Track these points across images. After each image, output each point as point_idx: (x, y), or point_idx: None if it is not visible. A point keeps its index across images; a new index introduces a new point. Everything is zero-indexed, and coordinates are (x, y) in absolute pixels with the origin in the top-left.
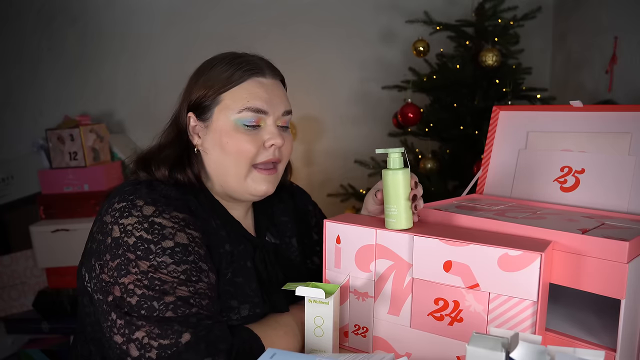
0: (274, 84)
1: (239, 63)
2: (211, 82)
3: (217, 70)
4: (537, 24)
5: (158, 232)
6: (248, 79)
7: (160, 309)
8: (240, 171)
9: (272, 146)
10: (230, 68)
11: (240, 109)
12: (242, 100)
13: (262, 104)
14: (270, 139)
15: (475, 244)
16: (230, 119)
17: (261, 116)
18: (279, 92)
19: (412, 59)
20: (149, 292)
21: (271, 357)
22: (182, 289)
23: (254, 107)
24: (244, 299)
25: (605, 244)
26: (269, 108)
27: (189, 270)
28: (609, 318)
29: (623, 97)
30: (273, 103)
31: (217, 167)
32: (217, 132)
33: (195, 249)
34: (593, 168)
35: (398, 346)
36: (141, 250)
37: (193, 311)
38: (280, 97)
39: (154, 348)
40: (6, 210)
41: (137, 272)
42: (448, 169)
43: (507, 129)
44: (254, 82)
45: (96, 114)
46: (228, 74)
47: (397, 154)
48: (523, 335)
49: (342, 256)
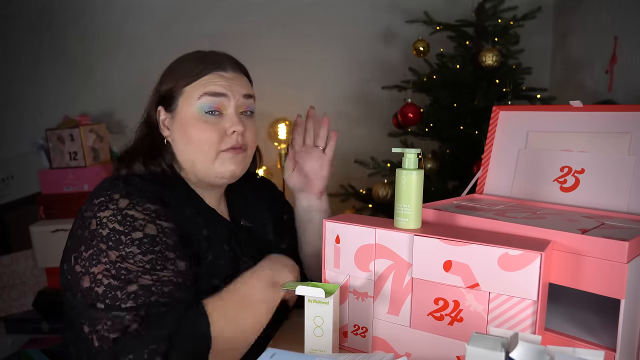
0: (235, 76)
1: (203, 60)
2: (176, 76)
3: (182, 66)
4: (537, 24)
5: (129, 224)
6: (210, 73)
7: (122, 299)
8: (207, 157)
9: (234, 133)
10: (193, 63)
11: (200, 95)
12: (201, 88)
13: (220, 88)
14: (231, 126)
15: (475, 243)
16: (192, 107)
17: (221, 100)
18: (240, 81)
19: (412, 59)
20: (115, 282)
21: (271, 357)
22: (146, 278)
23: (211, 91)
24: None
25: (605, 244)
26: (228, 91)
27: (154, 259)
28: (608, 318)
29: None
30: (232, 88)
31: (185, 156)
32: (182, 122)
33: (164, 239)
34: (593, 168)
35: (398, 346)
36: (112, 241)
37: (152, 299)
38: (241, 84)
39: (110, 341)
40: (6, 210)
41: (106, 261)
42: (448, 169)
43: (507, 129)
44: (215, 75)
45: (96, 114)
46: (191, 68)
47: (413, 155)
48: (523, 335)
49: (342, 256)
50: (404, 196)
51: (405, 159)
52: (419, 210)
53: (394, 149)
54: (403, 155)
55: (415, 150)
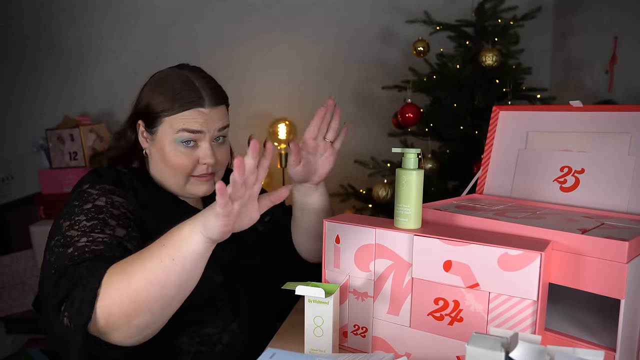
0: (213, 110)
1: (185, 92)
2: (158, 103)
3: (164, 92)
4: (537, 24)
5: (85, 199)
6: (189, 109)
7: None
8: (179, 181)
9: (205, 164)
10: (175, 94)
11: (178, 130)
12: (180, 124)
13: (197, 126)
14: (204, 158)
15: (475, 243)
16: (170, 137)
17: (197, 136)
18: (218, 115)
19: (412, 59)
20: (61, 249)
21: (271, 357)
22: (83, 240)
23: (189, 129)
24: None
25: (605, 243)
26: (205, 128)
27: (95, 225)
28: (608, 318)
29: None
30: (209, 124)
31: (159, 173)
32: (160, 146)
33: (110, 209)
34: (593, 168)
35: (397, 346)
36: (68, 214)
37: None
38: (218, 117)
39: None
40: (6, 210)
41: (59, 232)
42: (448, 169)
43: (507, 129)
44: (194, 112)
45: (96, 114)
46: (172, 100)
47: (413, 155)
48: (523, 335)
49: (342, 256)
50: (404, 196)
51: (405, 159)
52: (419, 210)
53: (394, 149)
54: (403, 155)
55: (415, 150)
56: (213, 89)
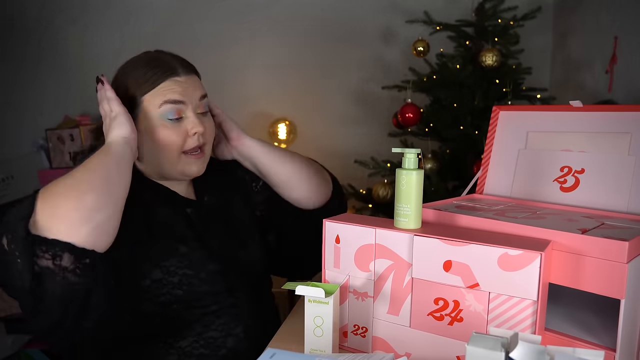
0: (188, 79)
1: (155, 65)
2: (132, 84)
3: (135, 72)
4: (537, 24)
5: None
6: (165, 80)
7: None
8: (172, 158)
9: (195, 134)
10: (147, 70)
11: (160, 104)
12: (160, 97)
13: (178, 96)
14: (193, 128)
15: (475, 243)
16: (155, 114)
17: (180, 107)
18: (194, 83)
19: (412, 59)
20: None
21: (271, 357)
22: None
23: (171, 99)
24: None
25: (605, 243)
26: (186, 98)
27: None
28: (608, 318)
29: (623, 97)
30: (188, 93)
31: (150, 156)
32: (145, 127)
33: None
34: (593, 168)
35: (397, 346)
36: None
37: None
38: (195, 87)
39: None
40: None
41: None
42: (448, 169)
43: (507, 129)
44: (170, 82)
45: (96, 114)
46: (146, 76)
47: (413, 155)
48: (523, 335)
49: (342, 256)
50: (404, 196)
51: (405, 159)
52: (419, 210)
53: (394, 149)
54: (403, 155)
55: (415, 150)
56: (181, 60)
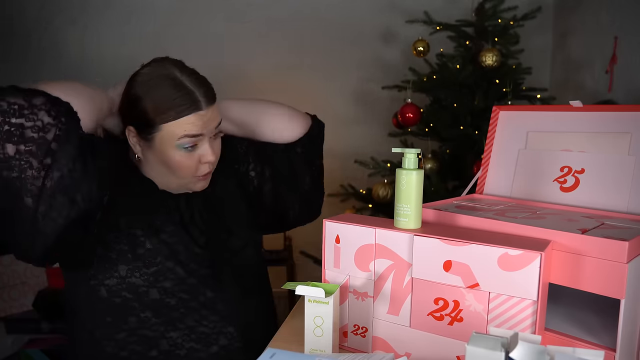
0: (209, 110)
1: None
2: (154, 109)
3: (159, 97)
4: (537, 24)
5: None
6: (188, 115)
7: None
8: (182, 180)
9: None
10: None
11: (180, 137)
12: (181, 129)
13: (198, 130)
14: (205, 156)
15: (475, 243)
16: (171, 143)
17: (198, 139)
18: (214, 113)
19: (412, 59)
20: None
21: (271, 357)
22: None
23: (191, 134)
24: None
25: (605, 243)
26: (204, 130)
27: None
28: (608, 318)
29: (623, 97)
30: (208, 126)
31: (159, 174)
32: (160, 151)
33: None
34: (593, 168)
35: (397, 346)
36: None
37: None
38: (214, 117)
39: None
40: None
41: None
42: (448, 169)
43: (507, 129)
44: (193, 117)
45: None
46: (169, 108)
47: (413, 155)
48: (522, 335)
49: (342, 256)
50: (404, 196)
51: (405, 159)
52: (419, 210)
53: (394, 149)
54: (403, 155)
55: (415, 150)
56: (204, 87)
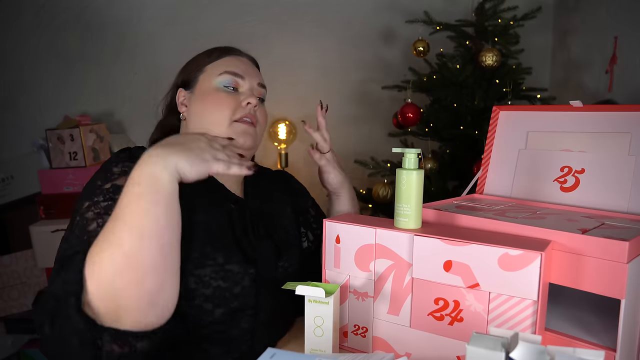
0: (249, 62)
1: (220, 48)
2: (197, 61)
3: (201, 55)
4: (537, 24)
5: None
6: (227, 56)
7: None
8: (221, 124)
9: (248, 104)
10: (213, 51)
11: (220, 73)
12: (221, 67)
13: (238, 70)
14: (246, 98)
15: (475, 243)
16: (212, 82)
17: (238, 80)
18: (254, 69)
19: (412, 59)
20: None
21: (271, 357)
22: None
23: (231, 71)
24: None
25: (605, 244)
26: (245, 74)
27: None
28: (609, 318)
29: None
30: (249, 73)
31: (199, 123)
32: (200, 94)
33: None
34: (593, 168)
35: (398, 346)
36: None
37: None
38: (255, 72)
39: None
40: (6, 210)
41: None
42: (448, 169)
43: (507, 129)
44: (232, 58)
45: (96, 114)
46: (211, 54)
47: (413, 155)
48: (523, 335)
49: (342, 256)
50: (404, 196)
51: (405, 159)
52: (419, 210)
53: (394, 149)
54: (403, 155)
55: (415, 150)
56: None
